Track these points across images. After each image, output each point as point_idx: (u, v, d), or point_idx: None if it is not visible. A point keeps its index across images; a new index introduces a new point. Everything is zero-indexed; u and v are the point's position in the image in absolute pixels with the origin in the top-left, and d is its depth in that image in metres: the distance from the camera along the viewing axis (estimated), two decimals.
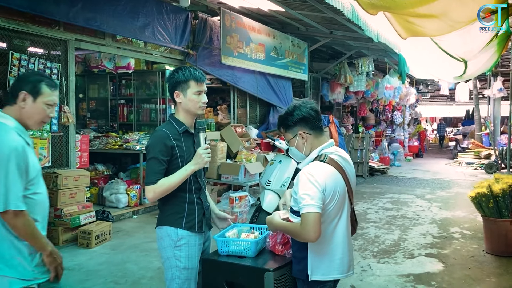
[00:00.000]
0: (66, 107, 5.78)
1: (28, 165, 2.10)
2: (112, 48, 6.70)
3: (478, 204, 5.38)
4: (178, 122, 2.58)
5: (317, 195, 2.11)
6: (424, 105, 28.99)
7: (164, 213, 2.57)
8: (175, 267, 2.50)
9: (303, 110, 2.33)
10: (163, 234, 2.54)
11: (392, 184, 11.13)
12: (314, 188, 2.12)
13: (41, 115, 2.22)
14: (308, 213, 2.09)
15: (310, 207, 2.09)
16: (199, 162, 2.46)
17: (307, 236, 2.10)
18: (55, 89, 2.26)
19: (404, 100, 16.76)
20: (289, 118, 2.35)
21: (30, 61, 5.29)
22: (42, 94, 2.19)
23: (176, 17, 7.27)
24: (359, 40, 9.96)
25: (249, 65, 8.54)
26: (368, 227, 6.61)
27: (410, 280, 4.48)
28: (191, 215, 2.55)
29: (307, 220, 2.08)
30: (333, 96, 12.61)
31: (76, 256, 5.12)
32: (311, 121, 2.33)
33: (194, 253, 2.54)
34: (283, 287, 2.32)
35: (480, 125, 17.54)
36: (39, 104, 2.19)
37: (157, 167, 2.43)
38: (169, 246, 2.51)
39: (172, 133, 2.51)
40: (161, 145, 2.45)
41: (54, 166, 5.74)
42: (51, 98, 2.23)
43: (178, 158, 2.50)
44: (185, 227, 2.52)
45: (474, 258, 5.21)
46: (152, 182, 2.41)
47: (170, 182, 2.43)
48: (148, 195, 2.45)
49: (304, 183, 2.15)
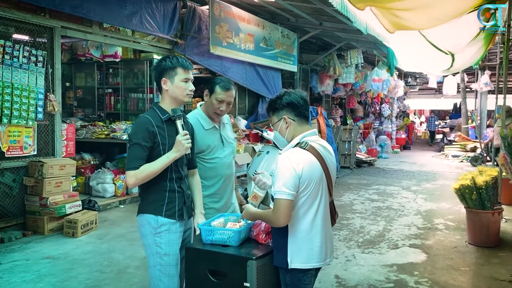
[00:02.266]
0: (52, 95, 5.72)
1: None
2: (99, 36, 6.62)
3: (462, 196, 5.46)
4: (162, 110, 2.59)
5: (290, 182, 2.16)
6: (412, 98, 29.15)
7: (145, 201, 2.59)
8: (156, 253, 2.53)
9: (292, 96, 2.38)
10: (144, 221, 2.57)
11: (379, 175, 11.23)
12: (289, 174, 2.17)
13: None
14: (280, 200, 2.17)
15: (282, 193, 2.16)
16: (180, 150, 2.47)
17: (277, 221, 2.20)
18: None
19: (393, 92, 16.85)
20: (278, 101, 2.40)
21: (14, 48, 5.21)
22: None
23: (164, 6, 7.20)
24: (348, 32, 9.98)
25: (238, 55, 8.51)
26: (354, 217, 6.68)
27: (393, 270, 4.54)
28: (171, 203, 2.57)
29: (278, 206, 2.18)
30: (322, 87, 12.64)
31: (62, 245, 5.10)
32: (298, 108, 2.37)
33: (174, 240, 2.56)
34: (266, 275, 2.34)
35: (467, 118, 17.73)
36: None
37: (139, 153, 2.43)
38: (149, 233, 2.54)
39: (156, 121, 2.52)
40: (144, 131, 2.46)
41: (39, 155, 5.69)
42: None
43: (160, 145, 2.51)
44: (166, 215, 2.54)
45: (456, 248, 5.30)
46: (134, 167, 2.41)
47: (152, 169, 2.44)
48: (129, 180, 2.46)
49: (280, 168, 2.21)
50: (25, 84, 5.36)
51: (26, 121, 5.41)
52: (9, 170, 5.40)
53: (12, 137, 5.31)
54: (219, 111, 3.05)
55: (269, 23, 9.57)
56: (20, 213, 5.51)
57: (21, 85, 5.31)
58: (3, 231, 5.24)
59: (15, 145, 5.35)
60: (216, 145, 3.12)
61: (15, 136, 5.34)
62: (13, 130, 5.31)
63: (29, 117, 5.44)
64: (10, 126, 5.26)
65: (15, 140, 5.35)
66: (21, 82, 5.32)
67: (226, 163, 3.16)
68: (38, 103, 5.55)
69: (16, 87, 5.25)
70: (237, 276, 2.28)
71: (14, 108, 5.23)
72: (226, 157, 3.17)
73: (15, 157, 5.40)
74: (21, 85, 5.31)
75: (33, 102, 5.46)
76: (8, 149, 5.26)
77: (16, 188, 5.48)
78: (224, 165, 3.14)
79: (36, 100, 5.51)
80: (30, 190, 5.49)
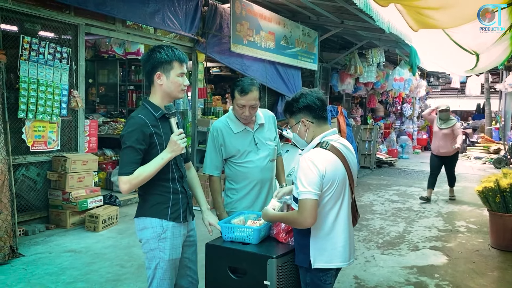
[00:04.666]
0: (76, 91, 5.81)
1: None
2: (122, 34, 6.70)
3: (485, 198, 5.36)
4: (154, 106, 2.41)
5: (315, 182, 2.14)
6: (434, 98, 28.68)
7: (147, 203, 2.44)
8: (159, 258, 2.41)
9: (308, 98, 2.34)
10: (147, 225, 2.42)
11: (399, 176, 11.10)
12: (312, 174, 2.15)
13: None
14: (306, 200, 2.13)
15: (307, 193, 2.13)
16: (175, 149, 2.32)
17: (303, 221, 2.16)
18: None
19: (414, 92, 16.60)
20: (294, 104, 2.36)
21: (40, 45, 5.31)
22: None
23: (187, 4, 7.24)
24: (370, 30, 9.86)
25: (259, 53, 8.51)
26: (374, 218, 6.62)
27: (413, 272, 4.49)
28: (176, 205, 2.45)
29: (304, 206, 2.14)
30: (342, 86, 12.53)
31: (83, 239, 5.19)
32: (315, 110, 2.34)
33: (178, 244, 2.47)
34: (286, 274, 2.34)
35: (491, 120, 17.36)
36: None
37: (133, 157, 2.27)
38: (153, 238, 2.41)
39: (150, 119, 2.34)
40: (139, 133, 2.28)
41: (63, 150, 5.80)
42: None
43: (157, 146, 2.36)
44: (171, 218, 2.42)
45: (478, 252, 5.20)
46: (128, 172, 2.25)
47: (147, 173, 2.28)
48: (123, 187, 2.28)
49: (303, 168, 2.19)
50: (50, 80, 5.46)
51: (50, 117, 5.52)
52: (33, 165, 5.52)
53: (37, 132, 5.43)
54: (243, 116, 2.90)
55: (290, 21, 9.54)
56: (44, 206, 5.63)
57: (46, 81, 5.41)
58: (27, 224, 5.36)
59: (39, 140, 5.46)
60: (248, 149, 2.97)
61: (39, 131, 5.45)
62: (38, 126, 5.43)
63: (54, 112, 5.54)
64: (35, 122, 5.38)
65: (40, 135, 5.46)
66: (46, 78, 5.42)
67: (260, 167, 2.98)
68: (62, 99, 5.65)
69: (42, 83, 5.36)
70: (257, 274, 2.29)
71: (39, 104, 5.34)
72: (260, 160, 2.99)
73: (39, 152, 5.51)
74: (46, 81, 5.42)
75: (57, 98, 5.57)
76: (33, 144, 5.38)
77: (40, 182, 5.59)
78: (257, 169, 2.96)
79: (61, 96, 5.62)
80: (53, 185, 5.60)
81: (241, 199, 3.02)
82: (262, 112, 3.12)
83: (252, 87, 2.85)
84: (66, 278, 4.04)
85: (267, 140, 3.06)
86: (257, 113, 3.04)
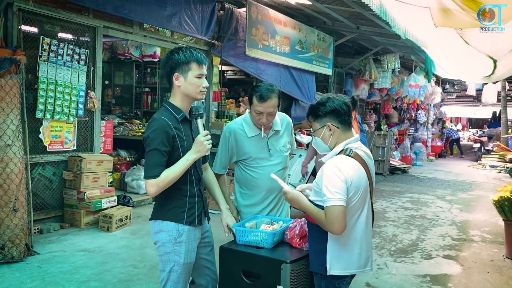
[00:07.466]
0: (93, 92, 5.89)
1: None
2: (139, 36, 6.78)
3: (501, 208, 5.28)
4: (176, 108, 2.40)
5: (341, 188, 2.10)
6: (449, 105, 28.41)
7: (163, 206, 2.44)
8: (174, 261, 2.42)
9: (336, 102, 2.30)
10: (163, 228, 2.43)
11: (413, 183, 11.00)
12: (339, 181, 2.11)
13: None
14: (334, 206, 2.09)
15: (335, 200, 2.09)
16: (201, 150, 2.31)
17: (332, 229, 2.11)
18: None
19: (429, 99, 16.46)
20: (321, 108, 2.32)
21: (59, 46, 5.39)
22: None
23: (203, 7, 7.30)
24: (386, 36, 9.82)
25: (274, 57, 8.52)
26: (386, 225, 6.57)
27: (426, 281, 4.44)
28: (192, 209, 2.45)
29: (333, 213, 2.08)
30: (357, 92, 12.47)
31: (97, 238, 5.24)
32: (342, 115, 2.30)
33: (193, 248, 2.48)
34: (299, 279, 2.34)
35: (507, 128, 17.12)
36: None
37: (159, 159, 2.26)
38: (168, 242, 2.41)
39: (172, 122, 2.34)
40: (163, 135, 2.27)
41: (78, 150, 5.87)
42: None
43: (179, 148, 2.35)
44: (187, 222, 2.42)
45: (493, 262, 5.13)
46: (155, 175, 2.25)
47: (173, 174, 2.28)
48: (150, 189, 2.27)
49: (329, 175, 2.14)
50: (68, 81, 5.54)
51: (67, 117, 5.59)
52: (50, 164, 5.59)
53: (54, 132, 5.50)
54: (260, 123, 2.83)
55: (305, 25, 9.54)
56: (59, 205, 5.70)
57: (64, 82, 5.49)
58: (42, 222, 5.43)
59: (56, 140, 5.54)
60: (261, 155, 2.91)
61: (56, 131, 5.53)
62: (55, 126, 5.51)
63: (70, 113, 5.62)
64: (53, 122, 5.45)
65: (57, 135, 5.54)
66: (64, 79, 5.50)
67: (269, 175, 2.79)
68: (79, 100, 5.73)
69: (60, 84, 5.44)
70: (271, 279, 2.29)
71: (56, 104, 5.42)
72: (271, 167, 2.89)
73: (55, 152, 5.59)
74: (64, 82, 5.50)
75: (74, 99, 5.64)
76: (49, 143, 5.46)
77: (55, 182, 5.67)
78: (267, 176, 2.77)
79: (78, 97, 5.69)
80: (68, 184, 5.67)
81: (251, 205, 2.97)
82: (279, 116, 3.03)
83: (271, 94, 2.76)
84: (79, 277, 4.09)
85: (281, 147, 2.99)
86: (274, 119, 2.95)
